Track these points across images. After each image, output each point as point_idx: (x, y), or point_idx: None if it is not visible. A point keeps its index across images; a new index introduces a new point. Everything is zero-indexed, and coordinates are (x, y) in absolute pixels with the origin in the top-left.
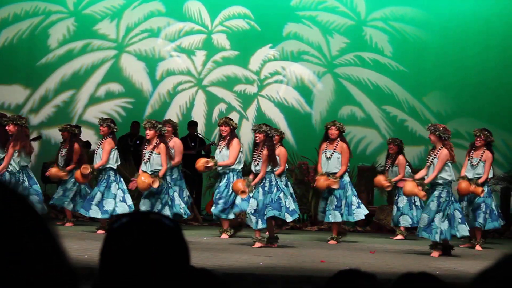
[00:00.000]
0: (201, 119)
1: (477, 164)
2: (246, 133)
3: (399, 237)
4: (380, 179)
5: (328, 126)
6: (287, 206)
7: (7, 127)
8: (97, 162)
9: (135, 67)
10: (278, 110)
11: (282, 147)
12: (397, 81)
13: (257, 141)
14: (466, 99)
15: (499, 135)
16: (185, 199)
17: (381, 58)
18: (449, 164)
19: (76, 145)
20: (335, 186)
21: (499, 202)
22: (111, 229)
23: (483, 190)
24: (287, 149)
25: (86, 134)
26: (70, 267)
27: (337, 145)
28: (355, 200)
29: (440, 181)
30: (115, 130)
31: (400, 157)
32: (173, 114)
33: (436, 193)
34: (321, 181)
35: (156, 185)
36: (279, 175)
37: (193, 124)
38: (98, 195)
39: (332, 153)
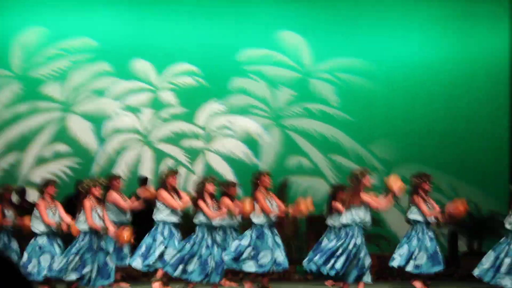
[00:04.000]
0: (148, 176)
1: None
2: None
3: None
4: None
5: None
6: None
7: None
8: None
9: (82, 127)
10: (226, 164)
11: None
12: (344, 131)
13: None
14: (413, 146)
15: (446, 181)
16: None
17: (328, 108)
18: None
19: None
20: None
21: (447, 245)
22: None
23: None
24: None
25: (33, 195)
26: None
27: None
28: None
29: None
30: None
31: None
32: (120, 172)
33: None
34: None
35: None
36: None
37: (144, 180)
38: None
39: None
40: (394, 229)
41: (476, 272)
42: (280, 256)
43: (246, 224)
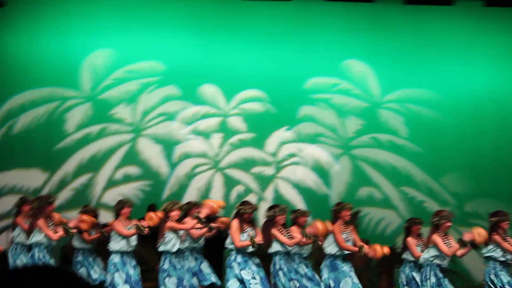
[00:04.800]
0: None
1: None
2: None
3: None
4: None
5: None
6: None
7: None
8: None
9: (152, 150)
10: (296, 192)
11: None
12: (415, 162)
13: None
14: (483, 179)
15: None
16: None
17: (397, 139)
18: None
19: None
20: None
21: None
22: None
23: None
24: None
25: (104, 217)
26: None
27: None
28: None
29: None
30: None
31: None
32: (190, 197)
33: None
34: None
35: None
36: None
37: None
38: None
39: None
40: (467, 265)
41: None
42: None
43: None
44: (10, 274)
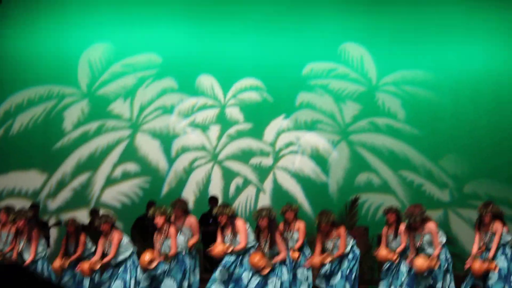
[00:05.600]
0: (218, 194)
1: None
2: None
3: None
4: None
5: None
6: None
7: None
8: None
9: (150, 146)
10: (294, 181)
11: (300, 221)
12: (412, 145)
13: (262, 228)
14: (482, 160)
15: None
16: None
17: (395, 122)
18: None
19: (82, 237)
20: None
21: None
22: None
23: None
24: (305, 221)
25: None
26: None
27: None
28: None
29: None
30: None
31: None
32: (190, 191)
33: None
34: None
35: (153, 265)
36: (302, 248)
37: (214, 200)
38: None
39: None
40: (468, 248)
41: None
42: None
43: None
44: None
